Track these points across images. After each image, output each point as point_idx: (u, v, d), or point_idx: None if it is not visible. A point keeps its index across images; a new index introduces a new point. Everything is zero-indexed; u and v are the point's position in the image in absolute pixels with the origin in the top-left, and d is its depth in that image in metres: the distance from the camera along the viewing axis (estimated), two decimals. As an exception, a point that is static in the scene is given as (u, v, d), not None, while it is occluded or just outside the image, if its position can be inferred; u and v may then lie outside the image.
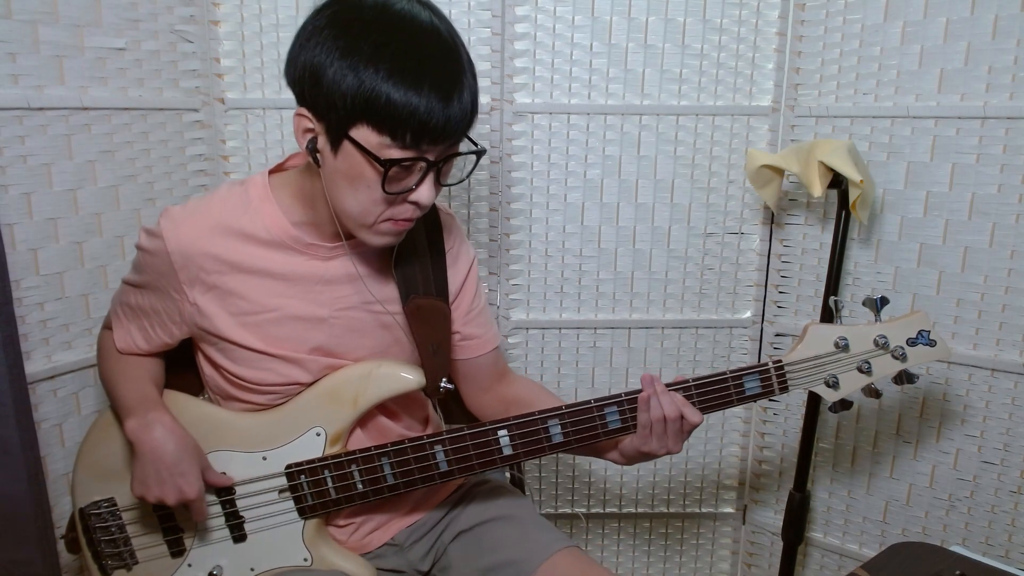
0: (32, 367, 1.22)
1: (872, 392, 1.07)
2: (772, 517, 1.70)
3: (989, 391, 1.41)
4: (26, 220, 1.19)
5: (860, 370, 1.05)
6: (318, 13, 0.90)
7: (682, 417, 1.00)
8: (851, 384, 1.06)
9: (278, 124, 1.49)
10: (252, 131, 1.49)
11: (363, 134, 0.86)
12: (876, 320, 1.06)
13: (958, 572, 1.02)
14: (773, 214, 1.55)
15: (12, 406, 1.13)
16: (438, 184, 0.93)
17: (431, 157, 0.89)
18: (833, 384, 1.05)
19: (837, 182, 1.33)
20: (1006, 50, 1.28)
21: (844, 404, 1.07)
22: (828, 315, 1.43)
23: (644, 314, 1.61)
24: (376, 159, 0.86)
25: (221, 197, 1.02)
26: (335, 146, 0.89)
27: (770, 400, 1.65)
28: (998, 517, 1.44)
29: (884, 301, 1.05)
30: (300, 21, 1.40)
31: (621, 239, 1.57)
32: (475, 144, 0.96)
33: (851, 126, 1.44)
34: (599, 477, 1.70)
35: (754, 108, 1.51)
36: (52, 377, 1.26)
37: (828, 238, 1.46)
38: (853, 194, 1.32)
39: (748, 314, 1.62)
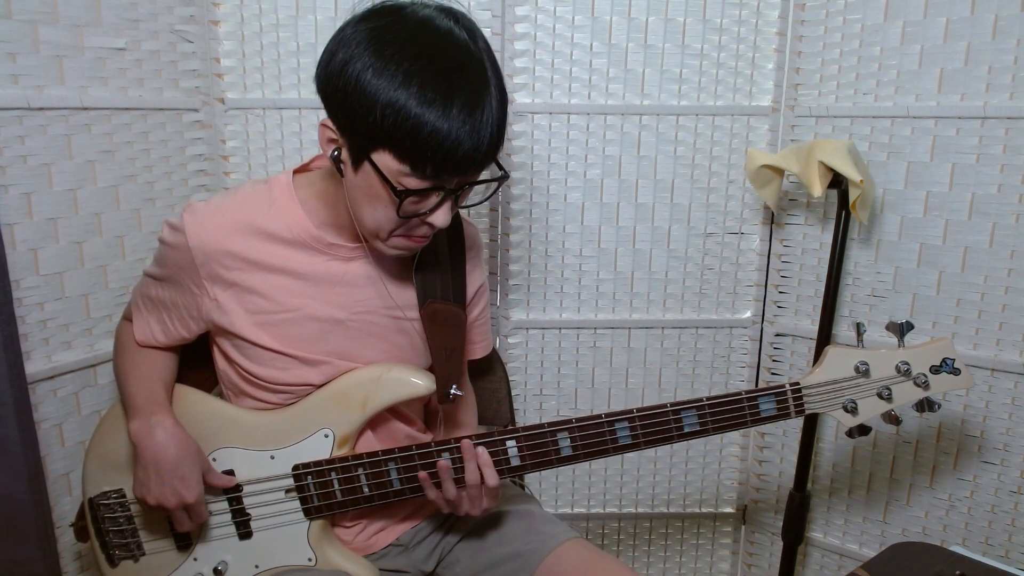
0: (32, 367, 1.22)
1: (892, 419, 1.04)
2: (772, 517, 1.70)
3: (989, 391, 1.41)
4: (26, 220, 1.19)
5: (880, 396, 1.02)
6: (357, 24, 0.87)
7: (483, 481, 0.99)
8: (870, 410, 1.03)
9: (278, 124, 1.49)
10: (252, 131, 1.49)
11: (384, 159, 0.85)
12: (899, 345, 1.03)
13: (958, 572, 1.02)
14: (773, 214, 1.55)
15: (12, 406, 1.13)
16: (455, 206, 0.93)
17: (450, 186, 0.89)
18: (851, 409, 1.02)
19: (837, 182, 1.33)
20: (1006, 50, 1.28)
21: (863, 430, 1.04)
22: (828, 316, 1.43)
23: (644, 314, 1.61)
24: (392, 188, 0.86)
25: (245, 194, 1.02)
26: (356, 164, 0.89)
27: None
28: (998, 517, 1.44)
29: (909, 326, 1.03)
30: (300, 21, 1.43)
31: (621, 239, 1.57)
32: (500, 168, 0.94)
33: (851, 126, 1.44)
34: (599, 477, 1.70)
35: (754, 108, 1.51)
36: (52, 377, 1.25)
37: (828, 238, 1.46)
38: (853, 194, 1.32)
39: (748, 314, 1.62)
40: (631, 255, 1.58)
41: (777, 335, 1.61)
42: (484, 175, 0.92)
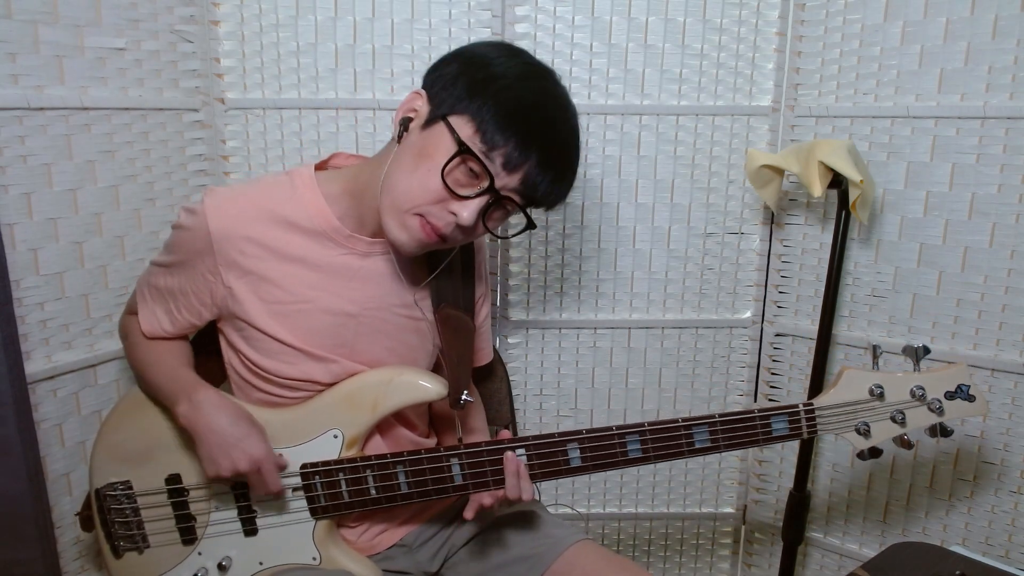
0: (32, 367, 1.22)
1: (904, 443, 1.03)
2: (772, 517, 1.70)
3: (989, 391, 1.41)
4: (26, 220, 1.19)
5: (893, 420, 1.02)
6: (487, 43, 0.99)
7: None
8: (883, 433, 1.02)
9: (278, 124, 1.49)
10: (252, 131, 1.49)
11: (460, 123, 0.89)
12: (915, 369, 1.03)
13: (958, 572, 1.02)
14: (773, 214, 1.55)
15: (12, 406, 1.13)
16: (482, 222, 0.94)
17: (496, 184, 0.90)
18: (864, 432, 1.02)
19: (837, 182, 1.33)
20: (1006, 50, 1.28)
21: (874, 452, 1.04)
22: (828, 315, 1.43)
23: (644, 314, 1.61)
24: (459, 141, 0.88)
25: (267, 183, 1.03)
26: (428, 124, 0.92)
27: (769, 400, 1.65)
28: (998, 517, 1.44)
29: (925, 351, 1.02)
30: (300, 21, 1.44)
31: (621, 239, 1.57)
32: (528, 218, 0.98)
33: (851, 126, 1.44)
34: (599, 477, 1.70)
35: (754, 108, 1.51)
36: (52, 377, 1.25)
37: (828, 238, 1.46)
38: (853, 194, 1.32)
39: (748, 314, 1.62)
40: (631, 255, 1.58)
41: (777, 335, 1.61)
42: (520, 211, 0.96)
